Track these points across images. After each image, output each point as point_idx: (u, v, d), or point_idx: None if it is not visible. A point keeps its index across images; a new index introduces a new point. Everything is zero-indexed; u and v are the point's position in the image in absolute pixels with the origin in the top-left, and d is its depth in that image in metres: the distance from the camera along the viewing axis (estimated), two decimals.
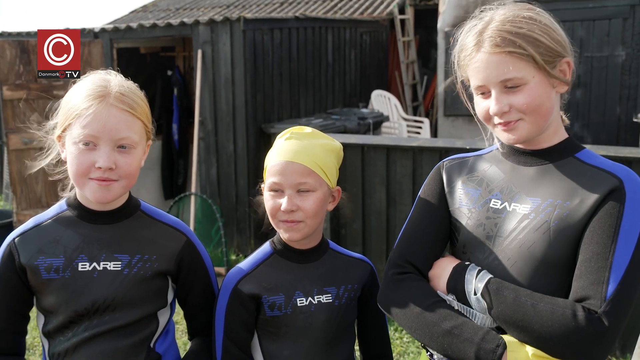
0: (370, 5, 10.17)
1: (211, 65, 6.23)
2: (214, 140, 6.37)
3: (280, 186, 1.58)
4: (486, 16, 1.45)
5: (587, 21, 6.79)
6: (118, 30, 6.86)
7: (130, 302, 1.57)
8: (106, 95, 1.50)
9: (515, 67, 1.37)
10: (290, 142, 1.61)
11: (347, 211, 1.89)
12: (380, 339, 1.79)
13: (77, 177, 1.51)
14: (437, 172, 1.67)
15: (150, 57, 7.87)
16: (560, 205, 1.39)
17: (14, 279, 1.56)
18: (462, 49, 1.47)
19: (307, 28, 6.99)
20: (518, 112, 1.40)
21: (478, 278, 1.42)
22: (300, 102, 6.96)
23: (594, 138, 6.83)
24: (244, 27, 5.98)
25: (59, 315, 1.55)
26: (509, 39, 1.37)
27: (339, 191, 1.70)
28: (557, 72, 1.42)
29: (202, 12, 11.82)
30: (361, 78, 8.38)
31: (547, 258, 1.38)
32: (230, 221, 6.32)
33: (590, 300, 1.29)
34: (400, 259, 1.56)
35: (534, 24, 1.40)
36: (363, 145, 4.91)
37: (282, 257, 1.67)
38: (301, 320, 1.62)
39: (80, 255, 1.55)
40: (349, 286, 1.69)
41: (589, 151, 1.48)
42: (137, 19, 11.79)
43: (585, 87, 6.92)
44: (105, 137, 1.48)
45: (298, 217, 1.58)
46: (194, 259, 1.69)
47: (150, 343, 1.62)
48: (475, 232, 1.51)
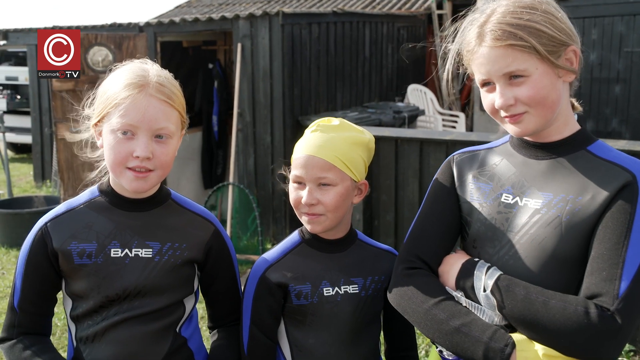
0: (408, 1, 10.20)
1: (250, 58, 6.38)
2: (252, 132, 6.51)
3: (302, 179, 1.60)
4: (487, 8, 1.42)
5: (627, 16, 6.70)
6: (162, 25, 7.06)
7: (160, 289, 1.59)
8: (145, 85, 1.50)
9: (518, 60, 1.35)
10: (315, 134, 1.61)
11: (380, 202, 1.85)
12: (405, 332, 1.79)
13: (115, 166, 1.52)
14: (447, 166, 1.64)
15: (192, 51, 8.07)
16: (573, 201, 1.36)
17: (45, 264, 1.57)
18: (465, 43, 1.45)
19: (345, 23, 7.08)
20: (523, 104, 1.38)
21: (488, 275, 1.40)
22: (336, 96, 7.06)
23: (632, 133, 6.73)
24: (282, 21, 6.11)
25: (90, 300, 1.56)
26: (509, 31, 1.35)
27: (366, 185, 1.68)
28: (562, 62, 1.38)
29: (243, 7, 12.02)
30: (398, 72, 8.43)
31: (558, 253, 1.36)
32: (267, 210, 6.46)
33: (602, 298, 1.26)
34: (410, 254, 1.55)
35: (536, 14, 1.36)
36: (397, 138, 4.97)
37: (310, 247, 1.68)
38: (327, 310, 1.62)
39: (112, 241, 1.56)
40: (376, 277, 1.68)
41: (601, 143, 1.44)
42: (181, 14, 12.06)
43: (624, 83, 6.83)
44: (144, 127, 1.48)
45: (319, 211, 1.59)
46: (221, 247, 1.71)
47: (176, 328, 1.64)
48: (486, 226, 1.49)
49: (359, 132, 1.66)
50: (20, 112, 11.31)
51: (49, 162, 8.93)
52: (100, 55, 6.26)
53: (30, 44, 8.63)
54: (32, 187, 9.24)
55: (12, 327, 1.61)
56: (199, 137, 7.83)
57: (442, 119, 8.29)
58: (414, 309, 1.46)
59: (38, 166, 9.27)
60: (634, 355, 3.81)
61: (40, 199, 6.93)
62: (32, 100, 9.16)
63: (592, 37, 6.85)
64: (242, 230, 6.31)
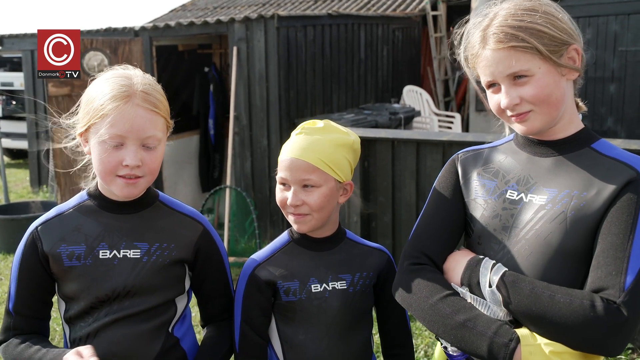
0: (403, 2, 10.23)
1: (246, 61, 6.39)
2: (249, 135, 6.52)
3: (286, 181, 1.64)
4: (490, 12, 1.46)
5: (621, 15, 6.73)
6: (157, 29, 7.06)
7: (150, 289, 1.62)
8: (132, 95, 1.52)
9: (520, 61, 1.38)
10: (299, 137, 1.66)
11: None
12: (398, 327, 1.82)
13: (105, 175, 1.55)
14: (452, 164, 1.66)
15: (187, 55, 8.08)
16: (577, 196, 1.38)
17: (37, 267, 1.61)
18: (469, 47, 1.50)
19: (340, 25, 7.10)
20: (528, 103, 1.41)
21: (493, 271, 1.41)
22: (332, 98, 7.07)
23: (627, 132, 6.76)
24: (278, 24, 6.13)
25: (81, 302, 1.60)
26: (511, 33, 1.38)
27: (351, 185, 1.72)
28: (565, 60, 1.42)
29: (238, 10, 12.03)
30: (393, 74, 8.45)
31: (564, 248, 1.38)
32: (264, 213, 6.47)
33: (608, 291, 1.28)
34: (415, 250, 1.57)
35: (537, 15, 1.40)
36: (393, 140, 4.96)
37: (298, 245, 1.72)
38: (315, 306, 1.66)
39: (101, 243, 1.60)
40: (364, 274, 1.72)
41: (605, 142, 1.47)
42: (176, 18, 12.07)
43: (619, 82, 6.86)
44: (132, 137, 1.52)
45: (304, 211, 1.63)
46: (210, 247, 1.73)
47: (168, 328, 1.67)
48: (491, 223, 1.51)
49: (344, 133, 1.69)
50: (15, 117, 11.29)
51: (45, 168, 8.92)
52: (96, 60, 6.26)
53: (26, 49, 8.62)
54: (29, 192, 9.22)
55: (8, 330, 1.65)
56: (196, 141, 7.85)
57: (438, 120, 8.31)
58: (419, 304, 1.47)
59: (34, 171, 9.26)
60: (632, 353, 3.82)
61: (37, 204, 6.91)
62: (27, 106, 9.14)
63: (586, 36, 6.87)
64: (240, 233, 6.31)
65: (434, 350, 3.94)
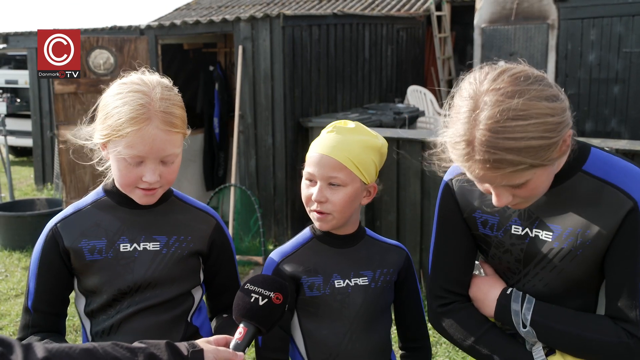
0: (408, 2, 10.24)
1: (251, 60, 6.41)
2: (254, 134, 6.55)
3: (313, 177, 1.65)
4: (473, 113, 1.29)
5: (625, 17, 6.74)
6: (162, 27, 7.09)
7: (169, 280, 1.66)
8: (151, 118, 1.52)
9: (516, 177, 1.30)
10: (330, 135, 1.67)
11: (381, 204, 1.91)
12: (416, 323, 1.85)
13: (124, 186, 1.61)
14: (448, 193, 1.63)
15: (193, 53, 8.11)
16: (582, 234, 1.43)
17: (57, 262, 1.63)
18: (454, 141, 1.35)
19: (345, 24, 7.12)
20: (525, 198, 1.39)
21: (524, 308, 1.50)
22: (337, 97, 7.09)
23: (631, 134, 6.77)
24: (283, 23, 6.15)
25: (103, 295, 1.63)
26: (502, 159, 1.26)
27: (375, 187, 1.73)
28: (558, 152, 1.32)
29: (243, 9, 12.06)
30: (397, 74, 8.46)
31: (578, 280, 1.47)
32: (268, 212, 6.49)
33: (627, 325, 1.40)
34: (439, 290, 1.63)
35: (528, 124, 1.25)
36: (398, 139, 5.00)
37: (321, 242, 1.74)
38: (338, 301, 1.69)
39: (121, 237, 1.64)
40: (385, 270, 1.75)
41: (594, 157, 1.45)
42: (180, 17, 12.10)
43: (623, 83, 6.87)
44: (151, 157, 1.54)
45: (326, 209, 1.65)
46: (223, 241, 1.78)
47: (187, 317, 1.72)
48: (503, 258, 1.56)
49: (373, 136, 1.71)
50: (20, 115, 11.32)
51: (50, 165, 8.95)
52: (101, 58, 6.28)
53: (31, 47, 8.64)
54: (33, 190, 9.25)
55: (26, 328, 1.65)
56: (201, 139, 7.87)
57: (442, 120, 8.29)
58: (459, 344, 1.60)
59: (39, 169, 9.28)
60: None
61: (42, 202, 6.94)
62: (32, 103, 9.18)
63: (590, 37, 6.89)
64: (244, 232, 6.34)
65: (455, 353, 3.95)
